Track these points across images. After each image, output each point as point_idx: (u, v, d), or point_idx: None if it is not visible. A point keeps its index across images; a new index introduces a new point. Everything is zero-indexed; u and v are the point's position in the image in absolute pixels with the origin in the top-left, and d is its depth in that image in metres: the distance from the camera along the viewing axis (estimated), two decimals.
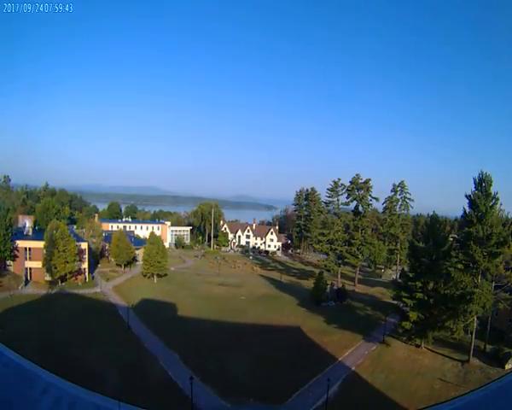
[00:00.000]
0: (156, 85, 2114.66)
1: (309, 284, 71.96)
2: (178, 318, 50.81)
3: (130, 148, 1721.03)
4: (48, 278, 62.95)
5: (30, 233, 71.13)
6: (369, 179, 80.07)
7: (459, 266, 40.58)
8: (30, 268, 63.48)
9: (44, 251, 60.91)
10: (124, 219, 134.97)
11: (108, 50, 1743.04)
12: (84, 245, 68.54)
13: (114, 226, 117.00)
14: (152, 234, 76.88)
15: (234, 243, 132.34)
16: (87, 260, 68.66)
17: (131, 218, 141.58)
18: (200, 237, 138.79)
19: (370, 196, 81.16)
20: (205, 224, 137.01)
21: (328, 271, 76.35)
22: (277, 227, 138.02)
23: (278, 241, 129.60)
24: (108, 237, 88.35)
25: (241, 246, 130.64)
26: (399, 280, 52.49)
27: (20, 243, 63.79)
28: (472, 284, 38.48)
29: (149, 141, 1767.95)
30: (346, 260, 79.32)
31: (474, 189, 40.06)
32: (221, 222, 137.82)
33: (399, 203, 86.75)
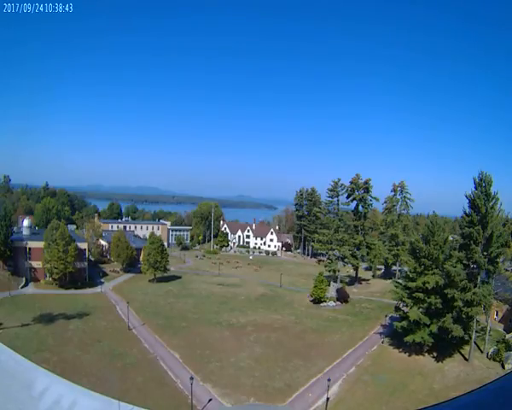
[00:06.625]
0: (156, 85, 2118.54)
1: (309, 283, 71.91)
2: (178, 318, 50.81)
3: (130, 148, 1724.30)
4: (48, 278, 63.08)
5: (29, 233, 71.23)
6: (369, 179, 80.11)
7: (459, 266, 40.51)
8: (30, 268, 63.54)
9: (44, 251, 60.98)
10: (124, 219, 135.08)
11: (109, 50, 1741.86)
12: (83, 245, 68.62)
13: (114, 226, 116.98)
14: (152, 234, 76.98)
15: (234, 243, 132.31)
16: (87, 260, 68.71)
17: (131, 218, 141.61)
18: (201, 237, 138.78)
19: (370, 196, 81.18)
20: (205, 224, 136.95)
21: (329, 271, 76.27)
22: (278, 227, 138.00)
23: (278, 241, 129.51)
24: (108, 236, 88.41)
25: (242, 246, 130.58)
26: (400, 280, 52.44)
27: (20, 243, 63.84)
28: (472, 284, 38.45)
29: (149, 141, 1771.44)
30: (346, 260, 79.23)
31: (474, 189, 40.00)
32: (221, 222, 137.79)
33: (399, 203, 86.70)
